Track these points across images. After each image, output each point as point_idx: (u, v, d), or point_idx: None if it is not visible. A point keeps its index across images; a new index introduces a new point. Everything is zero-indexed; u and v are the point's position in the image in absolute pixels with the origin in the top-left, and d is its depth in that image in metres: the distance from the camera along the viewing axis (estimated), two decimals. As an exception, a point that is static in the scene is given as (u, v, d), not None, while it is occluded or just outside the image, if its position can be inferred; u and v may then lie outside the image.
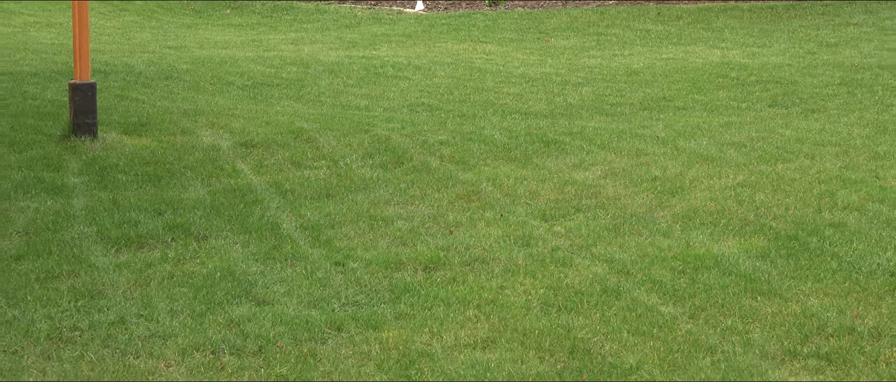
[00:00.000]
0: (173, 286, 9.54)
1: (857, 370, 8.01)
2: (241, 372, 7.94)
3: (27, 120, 15.56)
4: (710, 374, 7.89)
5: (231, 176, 12.94)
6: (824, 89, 18.96)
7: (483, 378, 7.78)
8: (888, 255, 10.11)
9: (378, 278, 9.68)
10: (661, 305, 9.10)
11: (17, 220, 11.34)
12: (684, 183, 12.43)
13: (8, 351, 8.33)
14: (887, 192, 12.00)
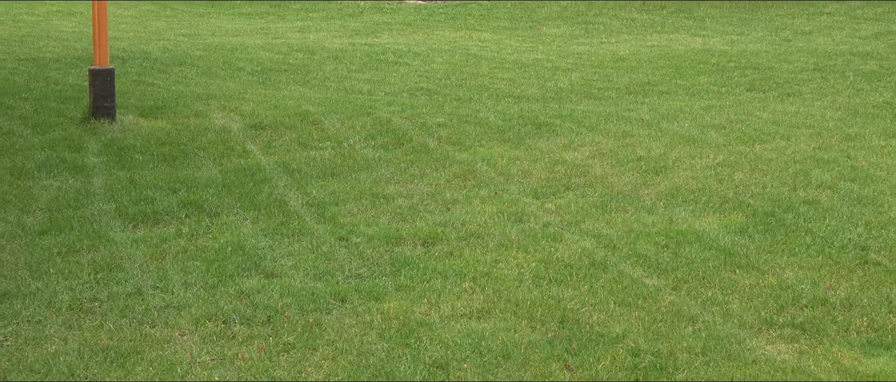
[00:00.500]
0: (187, 259, 9.55)
1: (830, 338, 8.02)
2: (251, 341, 7.95)
3: (50, 103, 15.56)
4: (691, 342, 7.90)
5: (241, 156, 12.93)
6: (799, 74, 18.96)
7: (478, 346, 7.79)
8: (859, 231, 10.12)
9: (379, 252, 9.69)
10: (645, 278, 9.11)
11: (40, 198, 11.34)
12: (667, 162, 12.43)
13: (32, 321, 8.34)
14: (858, 172, 12.01)
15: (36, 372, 7.48)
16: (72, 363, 7.61)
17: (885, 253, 9.62)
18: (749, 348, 7.84)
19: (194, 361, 7.63)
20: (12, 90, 16.53)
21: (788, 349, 7.86)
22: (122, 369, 7.53)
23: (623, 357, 7.65)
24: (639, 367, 7.51)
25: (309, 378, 7.39)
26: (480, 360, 7.60)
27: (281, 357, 7.69)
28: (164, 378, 7.38)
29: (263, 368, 7.52)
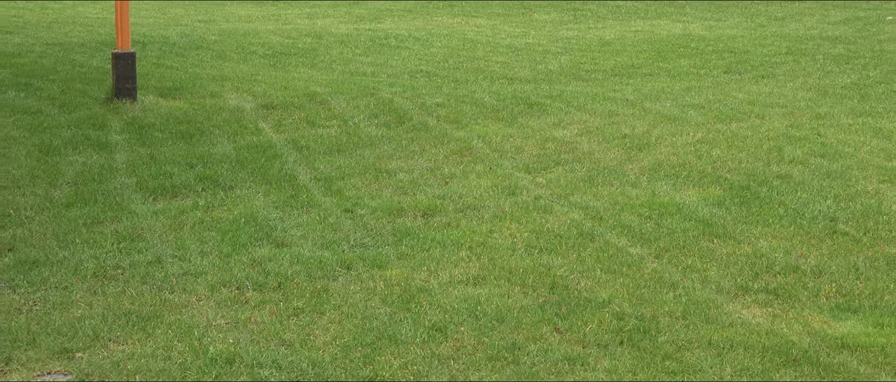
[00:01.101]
0: (203, 230, 9.54)
1: (801, 303, 8.02)
2: (263, 306, 7.95)
3: (75, 84, 15.54)
4: (672, 307, 7.90)
5: (253, 133, 12.92)
6: (773, 58, 18.93)
7: (474, 311, 7.79)
8: (828, 203, 10.11)
9: (382, 223, 9.68)
10: (629, 247, 9.10)
11: (67, 173, 11.33)
12: (650, 140, 12.42)
13: (59, 287, 8.34)
14: (827, 148, 12.00)
15: (63, 335, 7.48)
16: (96, 326, 7.61)
17: (852, 223, 9.62)
18: (726, 312, 7.84)
19: (210, 324, 7.64)
20: (40, 72, 16.50)
21: (762, 313, 7.86)
22: (143, 331, 7.53)
23: (609, 321, 7.65)
24: (624, 330, 7.52)
25: (317, 340, 7.39)
26: (476, 323, 7.61)
27: (291, 321, 7.69)
28: (182, 340, 7.38)
29: (274, 331, 7.52)
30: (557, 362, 7.07)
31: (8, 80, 15.87)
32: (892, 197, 10.29)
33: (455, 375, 6.92)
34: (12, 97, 14.76)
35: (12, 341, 7.42)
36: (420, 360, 7.09)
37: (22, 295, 8.23)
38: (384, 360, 7.10)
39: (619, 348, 7.28)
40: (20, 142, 12.58)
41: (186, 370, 6.96)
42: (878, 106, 14.56)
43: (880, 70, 17.57)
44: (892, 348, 7.27)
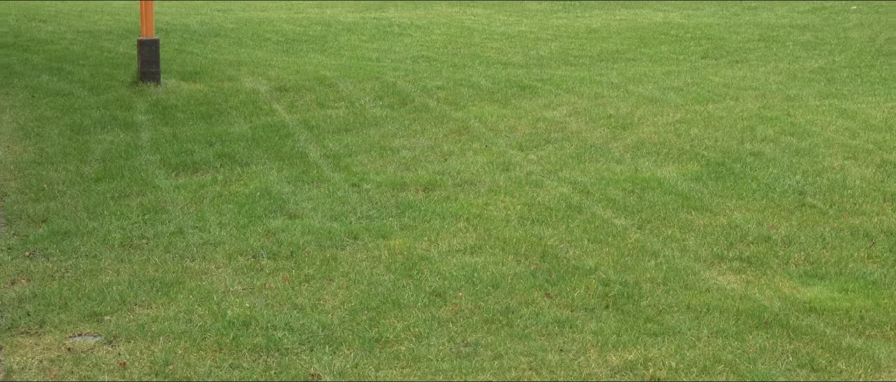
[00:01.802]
0: (222, 203, 9.54)
1: (772, 270, 8.02)
2: (277, 273, 7.94)
3: (103, 69, 15.52)
4: (654, 274, 7.90)
5: (268, 114, 12.91)
6: (746, 44, 18.91)
7: (471, 277, 7.79)
8: (797, 178, 10.11)
9: (386, 196, 9.67)
10: (614, 218, 9.10)
11: (96, 150, 11.32)
12: (633, 120, 12.40)
13: (89, 255, 8.34)
14: (797, 127, 11.99)
15: (92, 300, 7.48)
16: (123, 291, 7.61)
17: (819, 197, 9.61)
18: (703, 278, 7.84)
19: (228, 290, 7.63)
20: (71, 58, 16.49)
21: (737, 279, 7.86)
22: (166, 296, 7.53)
23: (595, 287, 7.65)
24: (609, 295, 7.52)
25: (326, 304, 7.39)
26: (473, 289, 7.61)
27: (302, 287, 7.69)
28: (202, 304, 7.38)
29: (287, 296, 7.52)
30: (548, 324, 7.07)
31: (42, 65, 15.86)
32: (856, 173, 10.29)
33: (453, 336, 6.92)
34: (46, 80, 14.75)
35: (46, 305, 7.42)
36: (421, 323, 7.10)
37: (55, 262, 8.23)
38: (388, 323, 7.10)
39: (605, 312, 7.28)
40: (53, 121, 12.57)
41: (206, 332, 6.96)
42: (843, 88, 14.55)
43: (845, 55, 17.55)
44: (855, 311, 7.28)
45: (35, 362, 6.66)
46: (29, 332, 7.06)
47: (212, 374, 6.43)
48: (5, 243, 8.71)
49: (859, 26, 20.71)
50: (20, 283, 7.87)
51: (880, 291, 7.63)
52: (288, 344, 6.79)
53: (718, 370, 6.46)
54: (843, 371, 6.46)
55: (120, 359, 6.64)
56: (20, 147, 11.59)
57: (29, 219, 9.25)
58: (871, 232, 8.76)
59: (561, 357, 6.63)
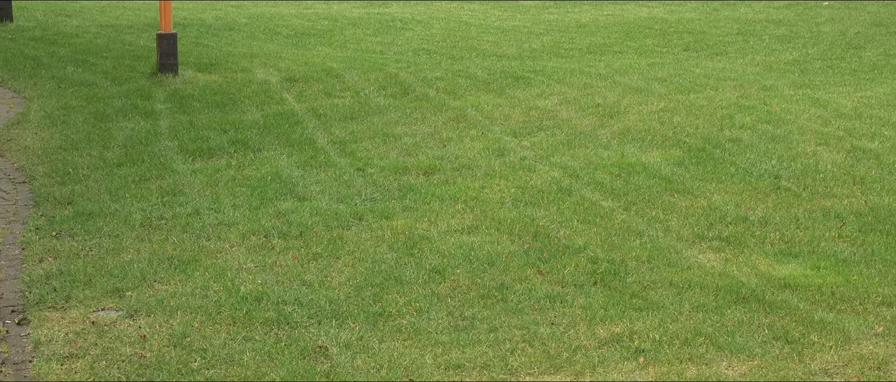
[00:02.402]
0: (235, 186, 9.53)
1: (749, 249, 8.02)
2: (287, 251, 7.94)
3: (125, 61, 15.50)
4: (639, 252, 7.90)
5: (278, 103, 12.89)
6: (725, 37, 18.88)
7: (469, 256, 7.79)
8: (773, 163, 10.10)
9: (389, 180, 9.67)
10: (602, 200, 9.09)
11: (118, 137, 11.32)
12: (620, 108, 12.39)
13: (111, 235, 8.35)
14: (772, 116, 11.98)
15: (115, 276, 7.48)
16: (143, 268, 7.61)
17: (793, 180, 9.61)
18: (685, 257, 7.84)
19: (241, 267, 7.63)
20: (95, 50, 16.46)
21: (716, 257, 7.86)
22: (183, 273, 7.53)
23: (584, 264, 7.65)
24: (597, 272, 7.52)
25: (333, 281, 7.39)
26: (470, 267, 7.61)
27: (311, 265, 7.68)
28: (217, 280, 7.38)
29: (296, 273, 7.52)
30: (540, 299, 7.07)
31: (67, 57, 15.84)
32: (828, 158, 10.28)
33: (452, 311, 6.92)
34: (71, 72, 14.73)
35: (72, 281, 7.42)
36: (422, 298, 7.10)
37: (79, 242, 8.23)
38: (391, 298, 7.10)
39: (593, 288, 7.28)
40: (78, 110, 12.56)
41: (221, 306, 6.96)
42: (816, 79, 14.54)
43: (818, 48, 17.53)
44: (827, 287, 7.28)
45: (61, 334, 6.66)
46: (55, 307, 7.06)
47: (226, 346, 6.43)
48: (33, 223, 8.71)
49: (831, 21, 20.68)
50: (47, 261, 7.87)
51: (850, 269, 7.64)
52: (297, 318, 6.79)
53: (699, 342, 6.46)
54: (816, 343, 6.47)
55: (140, 332, 6.65)
56: (47, 134, 11.58)
57: (55, 201, 9.25)
58: (842, 214, 8.76)
59: (552, 330, 6.63)
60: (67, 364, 6.27)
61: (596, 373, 6.11)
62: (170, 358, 6.28)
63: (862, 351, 6.37)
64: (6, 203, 9.35)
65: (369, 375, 6.08)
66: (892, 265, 7.67)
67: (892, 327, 6.69)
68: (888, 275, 7.49)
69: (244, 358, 6.27)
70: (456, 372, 6.12)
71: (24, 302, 7.16)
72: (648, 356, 6.30)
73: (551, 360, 6.25)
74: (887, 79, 14.52)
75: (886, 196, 9.18)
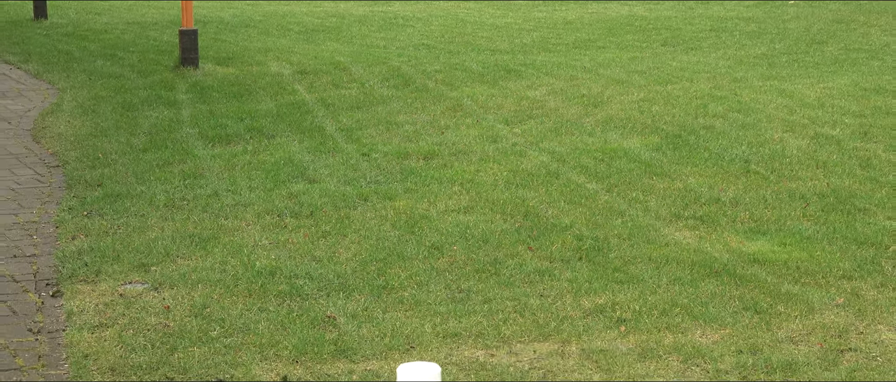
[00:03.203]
0: (251, 170, 9.51)
1: (722, 227, 8.01)
2: (298, 229, 7.93)
3: (150, 55, 15.46)
4: (620, 230, 7.89)
5: (290, 94, 12.86)
6: (699, 33, 18.84)
7: (465, 233, 7.78)
8: (743, 148, 10.09)
9: (392, 164, 9.65)
10: (587, 183, 9.08)
11: (143, 124, 11.29)
12: (603, 98, 12.36)
13: (137, 214, 8.33)
14: (743, 105, 11.96)
15: (140, 252, 7.47)
16: (167, 245, 7.60)
17: (762, 164, 9.60)
18: (662, 234, 7.83)
19: (256, 244, 7.62)
20: (122, 45, 16.42)
21: (691, 235, 7.85)
22: (203, 250, 7.52)
23: (570, 241, 7.64)
24: (582, 248, 7.51)
25: (341, 256, 7.38)
26: (466, 243, 7.60)
27: (320, 242, 7.68)
28: (234, 256, 7.37)
29: (307, 249, 7.51)
30: (530, 273, 7.07)
31: (97, 52, 15.81)
32: (793, 144, 10.27)
33: (449, 284, 6.92)
34: (101, 65, 14.70)
35: (101, 257, 7.41)
36: (422, 272, 7.09)
37: (108, 221, 8.22)
38: (394, 272, 7.09)
39: (579, 262, 7.27)
40: (107, 100, 12.53)
41: (238, 280, 6.95)
42: (783, 72, 14.52)
43: (784, 43, 17.50)
44: (792, 262, 7.28)
45: (92, 305, 6.65)
46: (86, 280, 7.05)
47: (243, 316, 6.43)
48: (66, 204, 8.70)
49: (796, 19, 20.64)
50: (79, 238, 7.86)
51: (813, 245, 7.63)
52: (308, 291, 6.79)
53: (675, 312, 6.46)
54: (782, 313, 6.47)
55: (164, 303, 6.64)
56: (79, 122, 11.56)
57: (86, 184, 9.23)
58: (806, 195, 8.75)
59: (541, 301, 6.62)
60: (97, 333, 6.26)
61: (581, 341, 6.11)
62: (191, 327, 6.28)
63: (824, 321, 6.37)
64: (42, 185, 9.34)
65: (374, 343, 6.07)
66: (851, 242, 7.67)
67: (851, 299, 6.69)
68: (848, 251, 7.49)
69: (259, 327, 6.27)
70: (453, 340, 6.12)
71: (58, 275, 7.15)
72: (629, 325, 6.30)
73: (540, 329, 6.25)
74: (847, 71, 14.50)
75: (847, 178, 9.18)
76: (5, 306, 6.71)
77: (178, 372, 5.76)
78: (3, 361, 5.97)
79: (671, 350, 5.97)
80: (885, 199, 8.61)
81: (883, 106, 11.89)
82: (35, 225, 8.27)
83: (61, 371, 5.86)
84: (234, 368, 5.80)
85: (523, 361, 5.87)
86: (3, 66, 15.02)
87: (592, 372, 5.75)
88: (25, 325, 6.43)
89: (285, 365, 5.83)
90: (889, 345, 6.07)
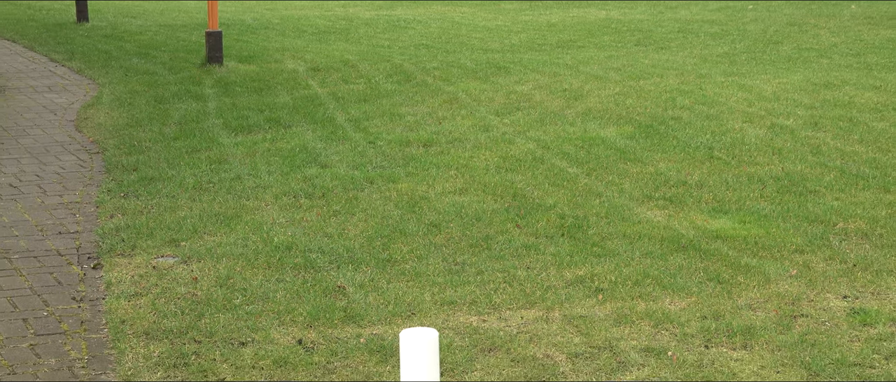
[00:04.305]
0: (270, 156, 9.49)
1: (688, 207, 8.00)
2: (312, 209, 7.91)
3: (180, 54, 15.40)
4: (598, 210, 7.87)
5: (305, 88, 12.82)
6: (668, 35, 18.79)
7: (460, 212, 7.77)
8: (707, 137, 10.07)
9: (395, 151, 9.62)
10: (568, 168, 9.06)
11: (174, 115, 11.25)
12: (583, 92, 12.33)
13: (169, 196, 8.31)
14: (707, 99, 11.93)
15: (172, 229, 7.46)
16: (195, 223, 7.58)
17: (723, 151, 9.58)
18: (635, 213, 7.82)
19: (275, 222, 7.61)
20: (155, 45, 16.36)
21: (661, 213, 7.84)
22: (227, 227, 7.50)
23: (554, 219, 7.63)
24: (564, 226, 7.49)
25: (349, 233, 7.36)
26: (461, 222, 7.58)
27: (331, 220, 7.66)
28: (255, 233, 7.35)
29: (320, 226, 7.49)
30: (518, 248, 7.05)
31: (133, 51, 15.75)
32: (752, 133, 10.25)
33: (446, 257, 6.90)
34: (136, 63, 14.65)
35: (136, 233, 7.39)
36: (422, 247, 7.08)
37: (143, 201, 8.20)
38: (396, 247, 7.08)
39: (561, 238, 7.26)
40: (141, 94, 12.49)
41: (258, 254, 6.94)
42: (743, 69, 14.49)
43: (743, 43, 17.46)
44: (751, 238, 7.27)
45: (128, 276, 6.64)
46: (123, 254, 7.04)
47: (262, 286, 6.42)
48: (106, 187, 8.68)
49: (754, 21, 20.59)
50: (117, 217, 7.84)
51: (769, 223, 7.62)
52: (320, 263, 6.77)
53: (647, 282, 6.45)
54: (742, 283, 6.46)
55: (193, 274, 6.63)
56: (116, 113, 11.52)
57: (123, 168, 9.20)
58: (763, 178, 8.74)
59: (528, 273, 6.61)
60: (133, 301, 6.25)
61: (563, 308, 6.11)
62: (216, 296, 6.27)
63: (779, 290, 6.36)
64: (84, 170, 9.31)
65: (379, 310, 6.06)
66: (803, 220, 7.66)
67: (803, 270, 6.68)
68: (800, 228, 7.48)
69: (277, 296, 6.25)
70: (450, 308, 6.11)
71: (98, 250, 7.14)
72: (606, 294, 6.29)
73: (527, 297, 6.24)
74: (800, 68, 14.47)
75: (799, 164, 9.16)
76: (52, 277, 6.70)
77: (204, 336, 5.76)
78: (50, 325, 5.96)
79: (643, 316, 5.96)
80: (833, 182, 8.60)
81: (831, 99, 11.87)
82: (78, 205, 8.24)
83: (101, 334, 5.85)
84: (255, 332, 5.79)
85: (512, 326, 5.87)
86: (50, 64, 14.98)
87: (573, 336, 5.74)
88: (69, 294, 6.41)
89: (300, 330, 5.83)
90: (836, 312, 6.07)
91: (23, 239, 7.42)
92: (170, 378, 5.30)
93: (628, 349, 5.58)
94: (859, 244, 7.15)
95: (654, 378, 5.27)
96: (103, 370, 5.42)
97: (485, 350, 5.58)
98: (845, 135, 10.14)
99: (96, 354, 5.59)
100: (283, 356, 5.49)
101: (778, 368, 5.38)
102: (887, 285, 6.44)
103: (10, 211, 8.07)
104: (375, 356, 5.50)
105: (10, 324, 5.97)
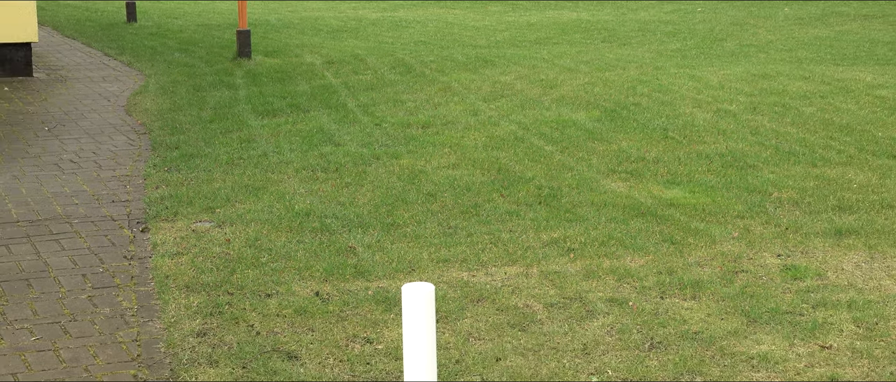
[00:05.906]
0: (292, 136, 9.45)
1: (647, 179, 7.98)
2: (327, 181, 7.89)
3: (215, 49, 15.32)
4: (571, 182, 7.86)
5: (321, 78, 12.76)
6: (630, 33, 18.71)
7: (453, 184, 7.74)
8: (662, 120, 10.04)
9: (398, 132, 9.59)
10: (545, 146, 9.03)
11: (209, 102, 11.19)
12: (557, 82, 12.28)
13: (205, 170, 8.28)
14: (663, 87, 11.89)
15: (208, 198, 7.43)
16: (228, 193, 7.55)
17: (676, 132, 9.55)
18: (602, 185, 7.80)
19: (295, 192, 7.58)
20: (194, 41, 16.27)
21: (624, 185, 7.82)
22: (255, 197, 7.48)
23: (533, 190, 7.61)
24: (541, 195, 7.48)
25: (359, 201, 7.34)
26: (454, 191, 7.56)
27: (344, 190, 7.63)
28: (279, 201, 7.33)
29: (334, 196, 7.47)
30: (502, 214, 7.04)
31: (174, 47, 15.67)
32: (700, 117, 10.22)
33: (441, 222, 6.89)
34: (178, 57, 14.57)
35: (178, 202, 7.37)
36: (420, 214, 7.06)
37: (183, 174, 8.16)
38: (399, 213, 7.06)
39: (539, 206, 7.25)
40: (182, 83, 12.42)
41: (281, 219, 6.92)
42: (693, 62, 14.44)
43: (694, 40, 17.41)
44: (700, 205, 7.26)
45: (171, 238, 6.62)
46: (167, 219, 7.01)
47: (285, 246, 6.40)
48: (152, 162, 8.64)
49: (702, 21, 20.51)
50: (161, 188, 7.81)
51: (715, 193, 7.61)
52: (334, 227, 6.75)
53: (611, 243, 6.45)
54: (692, 244, 6.46)
55: (226, 237, 6.61)
56: (161, 100, 11.46)
57: (167, 147, 9.16)
58: (710, 155, 8.72)
59: (510, 235, 6.60)
60: (175, 259, 6.23)
61: (540, 265, 6.10)
62: (246, 255, 6.25)
63: (723, 250, 6.36)
64: (133, 148, 9.27)
65: (384, 266, 6.06)
66: (743, 190, 7.65)
67: (744, 233, 6.68)
68: (741, 197, 7.47)
69: (298, 255, 6.24)
70: (444, 265, 6.10)
71: (146, 216, 7.11)
72: (576, 253, 6.28)
73: (510, 256, 6.23)
74: (741, 62, 14.42)
75: (740, 142, 9.14)
76: (106, 239, 6.68)
77: (236, 289, 5.75)
78: (105, 280, 5.95)
79: (608, 272, 5.96)
80: (769, 158, 8.59)
81: (768, 88, 11.84)
82: (128, 177, 8.21)
83: (148, 287, 5.84)
84: (279, 286, 5.78)
85: (497, 280, 5.86)
86: (104, 58, 14.90)
87: (549, 288, 5.74)
88: (121, 253, 6.40)
89: (317, 283, 5.82)
90: (771, 268, 6.07)
91: (82, 206, 7.39)
92: (206, 324, 5.30)
93: (595, 299, 5.58)
94: (791, 210, 7.14)
95: (617, 324, 5.28)
96: (150, 317, 5.42)
97: (474, 301, 5.58)
98: (779, 118, 10.12)
99: (144, 304, 5.59)
100: (302, 305, 5.48)
101: (722, 316, 5.39)
102: (814, 245, 6.44)
103: (71, 183, 8.04)
104: (381, 305, 5.50)
105: (71, 279, 5.96)
